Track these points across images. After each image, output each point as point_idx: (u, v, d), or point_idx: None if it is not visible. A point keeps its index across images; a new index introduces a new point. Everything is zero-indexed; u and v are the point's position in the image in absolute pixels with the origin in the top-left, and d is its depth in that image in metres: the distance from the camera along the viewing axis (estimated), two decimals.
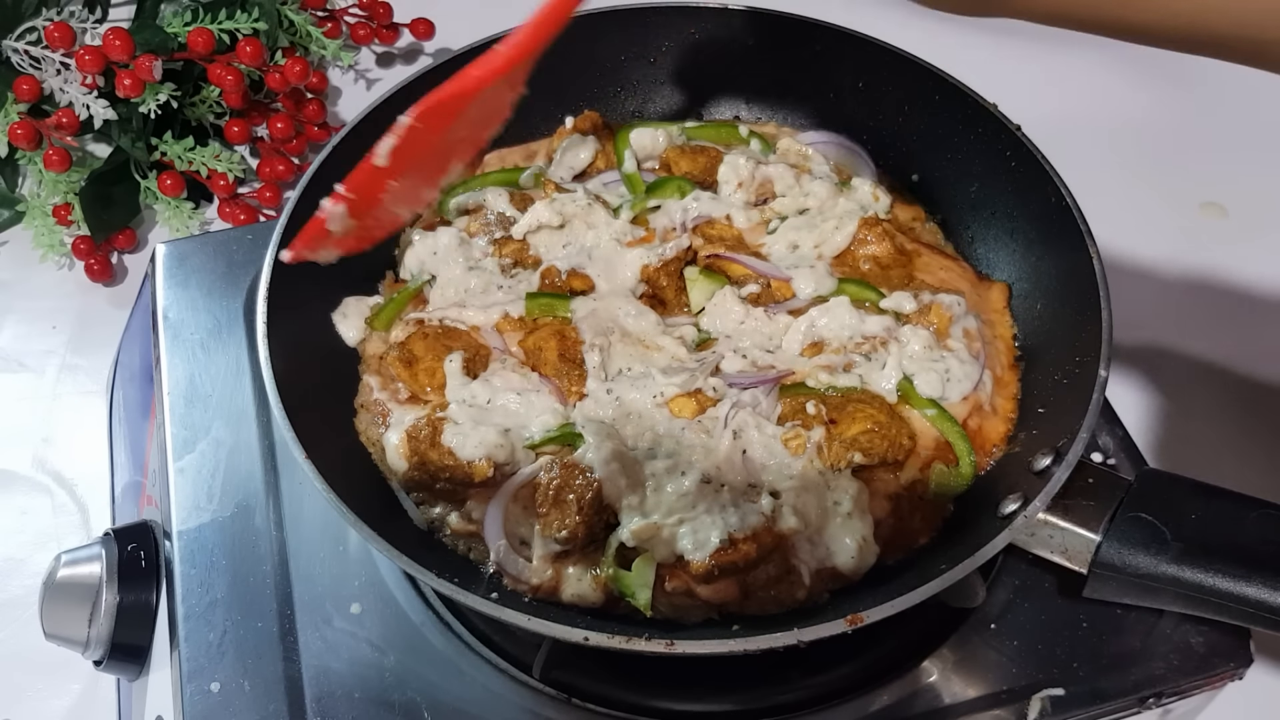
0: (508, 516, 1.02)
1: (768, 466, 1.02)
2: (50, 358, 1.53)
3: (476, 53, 1.28)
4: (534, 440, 1.04)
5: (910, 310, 1.13)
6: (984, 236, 1.23)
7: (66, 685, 1.24)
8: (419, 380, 1.09)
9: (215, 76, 1.58)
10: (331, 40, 1.73)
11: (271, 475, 1.15)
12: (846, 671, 1.03)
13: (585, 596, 0.98)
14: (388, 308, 1.18)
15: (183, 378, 1.22)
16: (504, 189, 1.27)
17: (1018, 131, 1.15)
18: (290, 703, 1.00)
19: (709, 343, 1.13)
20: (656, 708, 1.01)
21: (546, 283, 1.16)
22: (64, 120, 1.53)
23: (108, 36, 1.49)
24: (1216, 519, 0.94)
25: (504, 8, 1.41)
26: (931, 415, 1.07)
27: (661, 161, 1.31)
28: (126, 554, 1.11)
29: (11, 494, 1.40)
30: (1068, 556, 0.96)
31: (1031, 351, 1.14)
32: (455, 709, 1.00)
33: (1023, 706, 1.00)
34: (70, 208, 1.60)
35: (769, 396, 1.06)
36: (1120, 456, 1.15)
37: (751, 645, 0.86)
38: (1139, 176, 1.63)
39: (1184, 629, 1.03)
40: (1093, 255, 1.05)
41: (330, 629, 1.04)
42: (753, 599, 0.97)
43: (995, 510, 0.96)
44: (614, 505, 0.98)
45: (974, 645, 1.03)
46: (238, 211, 1.63)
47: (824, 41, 1.29)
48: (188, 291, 1.30)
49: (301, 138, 1.68)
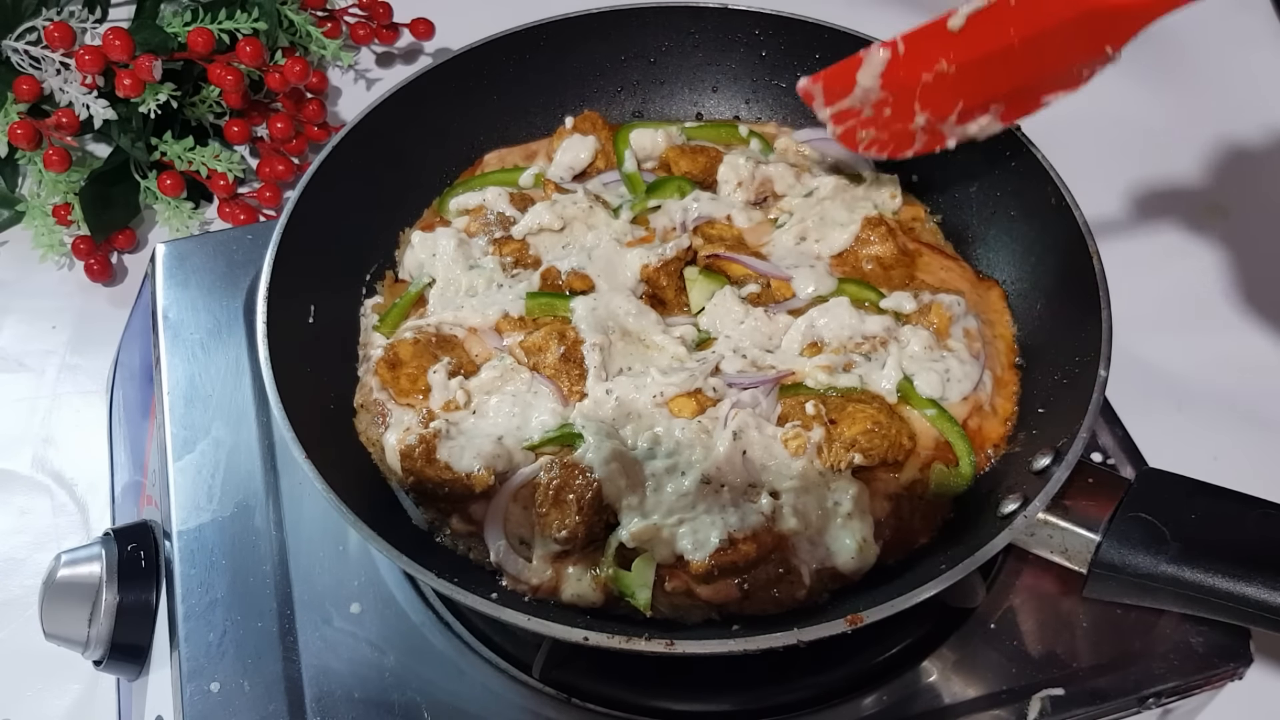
0: (508, 516, 1.02)
1: (768, 467, 1.02)
2: (50, 358, 1.53)
3: (477, 52, 1.30)
4: (533, 441, 1.04)
5: (910, 310, 1.13)
6: (984, 236, 1.23)
7: (66, 685, 1.24)
8: (400, 384, 1.09)
9: (215, 76, 1.58)
10: (331, 40, 1.73)
11: (271, 475, 1.15)
12: (847, 671, 1.03)
13: (585, 596, 0.98)
14: (394, 310, 1.18)
15: (183, 378, 1.22)
16: (504, 189, 1.27)
17: (1018, 131, 1.15)
18: (290, 703, 1.00)
19: (709, 342, 1.13)
20: (656, 708, 1.01)
21: (547, 283, 1.16)
22: (64, 120, 1.53)
23: (108, 36, 1.49)
24: (1216, 519, 0.94)
25: (504, 8, 1.42)
26: (931, 415, 1.07)
27: (661, 161, 1.31)
28: (126, 554, 1.11)
29: (11, 494, 1.40)
30: (1068, 556, 0.96)
31: (1031, 351, 1.14)
32: (455, 709, 1.00)
33: (1023, 706, 1.00)
34: (70, 208, 1.60)
35: (769, 397, 1.06)
36: (1120, 456, 1.15)
37: (751, 645, 0.86)
38: (1139, 176, 1.63)
39: (1184, 629, 1.03)
40: (1093, 255, 1.05)
41: (330, 629, 1.04)
42: (753, 599, 0.97)
43: (995, 510, 0.96)
44: (614, 505, 0.98)
45: (974, 645, 1.03)
46: (238, 211, 1.63)
47: (825, 42, 1.29)
48: (188, 291, 1.30)
49: (301, 138, 1.68)
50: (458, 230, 1.22)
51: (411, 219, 1.28)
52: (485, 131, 1.34)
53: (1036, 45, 0.93)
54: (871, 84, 0.92)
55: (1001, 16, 0.91)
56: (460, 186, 1.31)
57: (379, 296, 1.22)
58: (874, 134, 0.96)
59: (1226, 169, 1.68)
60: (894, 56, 0.91)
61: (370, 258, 1.23)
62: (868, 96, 0.93)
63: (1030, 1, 0.91)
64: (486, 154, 1.34)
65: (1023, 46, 0.93)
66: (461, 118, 1.32)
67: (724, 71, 1.37)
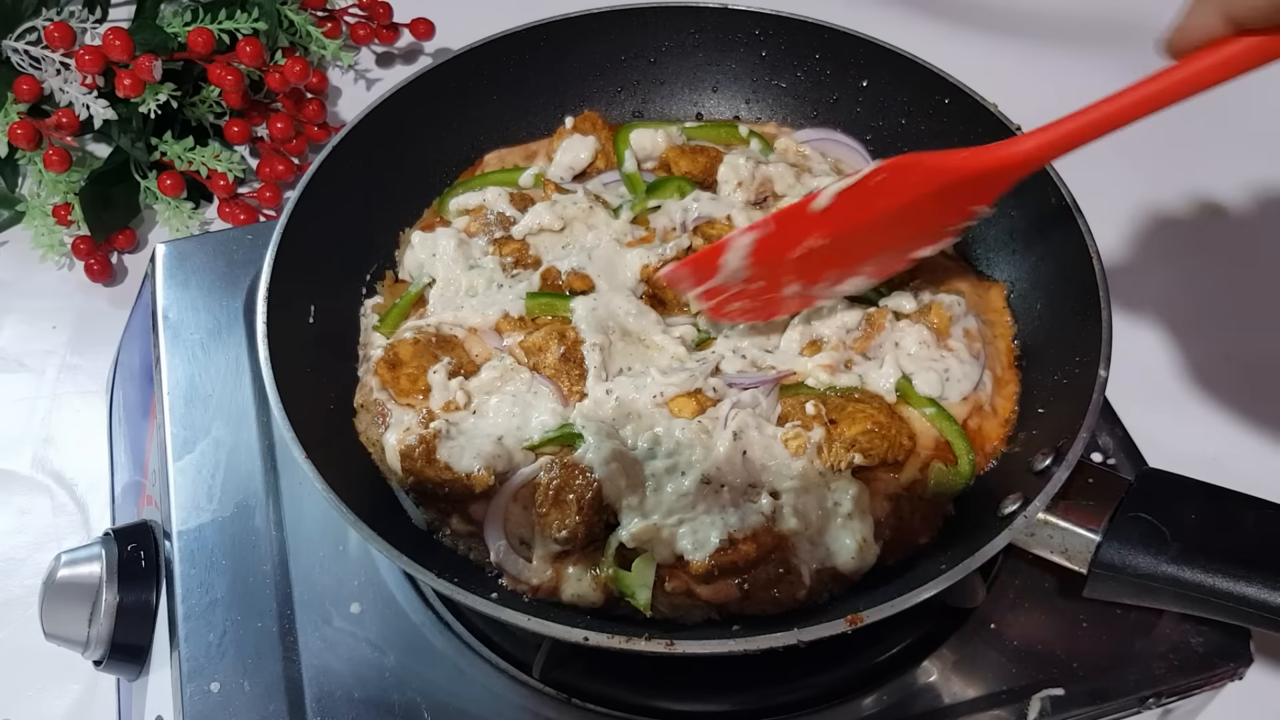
0: (508, 516, 1.02)
1: (768, 467, 1.02)
2: (50, 358, 1.53)
3: (477, 52, 1.30)
4: (533, 441, 1.04)
5: (910, 310, 1.13)
6: (984, 236, 1.23)
7: (66, 685, 1.24)
8: (400, 385, 1.09)
9: (215, 76, 1.58)
10: (331, 40, 1.73)
11: (271, 475, 1.15)
12: (847, 671, 1.03)
13: (585, 596, 0.98)
14: (394, 311, 1.18)
15: (183, 378, 1.22)
16: (504, 189, 1.27)
17: (1018, 131, 1.15)
18: (290, 703, 1.00)
19: (709, 342, 1.13)
20: (656, 708, 1.01)
21: (547, 283, 1.16)
22: (64, 120, 1.53)
23: (108, 36, 1.49)
24: (1216, 519, 0.94)
25: (504, 8, 1.42)
26: (930, 414, 1.07)
27: (661, 161, 1.31)
28: (126, 554, 1.11)
29: (11, 494, 1.40)
30: (1068, 556, 0.96)
31: (1031, 351, 1.14)
32: (455, 709, 1.00)
33: (1023, 706, 1.00)
34: (70, 208, 1.60)
35: (769, 397, 1.06)
36: (1120, 456, 1.15)
37: (751, 645, 0.86)
38: (1139, 176, 1.63)
39: (1184, 629, 1.03)
40: (1093, 255, 1.05)
41: (330, 629, 1.04)
42: (753, 599, 0.97)
43: (995, 510, 0.96)
44: (614, 505, 0.98)
45: (974, 645, 1.04)
46: (238, 211, 1.63)
47: (825, 42, 1.29)
48: (188, 291, 1.30)
49: (301, 138, 1.68)
50: (458, 230, 1.22)
51: (411, 219, 1.28)
52: (485, 131, 1.34)
53: (902, 216, 0.96)
54: (739, 264, 0.96)
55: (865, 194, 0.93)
56: (460, 186, 1.31)
57: (379, 296, 1.22)
58: (745, 304, 1.00)
59: (1227, 169, 1.68)
60: (761, 238, 0.94)
61: (370, 258, 1.23)
62: (736, 275, 0.96)
63: (892, 179, 0.93)
64: (486, 154, 1.34)
65: (889, 219, 0.95)
66: (461, 118, 1.32)
67: (724, 71, 1.37)
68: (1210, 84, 0.81)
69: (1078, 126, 0.88)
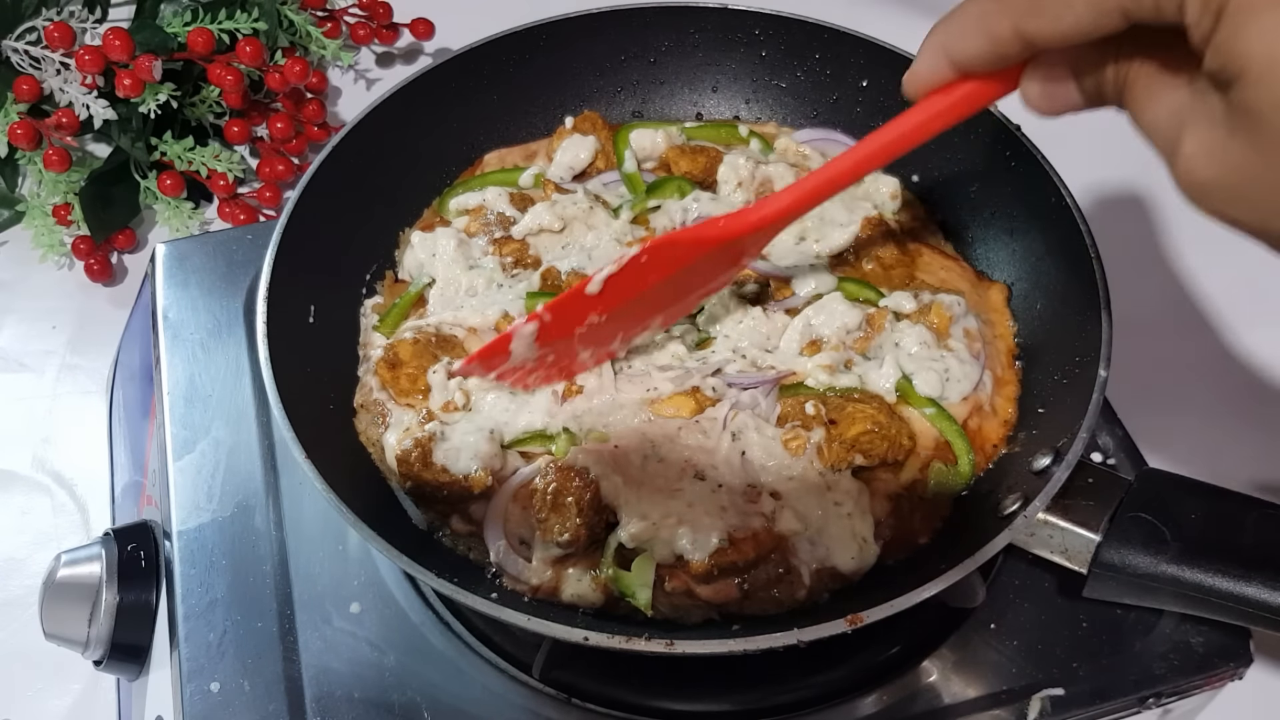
0: (507, 517, 1.02)
1: (767, 468, 1.02)
2: (50, 358, 1.53)
3: (477, 52, 1.30)
4: (509, 439, 1.04)
5: (910, 310, 1.13)
6: (984, 236, 1.23)
7: (66, 685, 1.24)
8: (400, 385, 1.09)
9: (215, 76, 1.58)
10: (331, 40, 1.73)
11: (271, 475, 1.15)
12: (847, 671, 1.03)
13: (585, 597, 0.98)
14: (394, 310, 1.18)
15: (183, 378, 1.22)
16: (504, 189, 1.27)
17: (1018, 131, 1.15)
18: (290, 703, 1.00)
19: (708, 342, 1.13)
20: (656, 708, 1.02)
21: (547, 283, 1.16)
22: (64, 120, 1.53)
23: (108, 36, 1.49)
24: (1216, 519, 0.94)
25: (504, 8, 1.42)
26: (930, 414, 1.07)
27: (661, 161, 1.31)
28: (126, 554, 1.11)
29: (11, 494, 1.40)
30: (1068, 556, 0.96)
31: (1031, 351, 1.14)
32: (455, 709, 1.00)
33: (1023, 706, 1.00)
34: (70, 208, 1.60)
35: (768, 397, 1.06)
36: (1120, 456, 1.15)
37: (751, 645, 0.86)
38: (1139, 176, 1.63)
39: (1184, 629, 1.03)
40: (1093, 255, 1.05)
41: (330, 629, 1.04)
42: (753, 599, 0.97)
43: (995, 510, 0.96)
44: (613, 505, 0.98)
45: (974, 645, 1.04)
46: (238, 211, 1.63)
47: (825, 42, 1.29)
48: (188, 291, 1.30)
49: (301, 138, 1.68)
50: (458, 230, 1.22)
51: (411, 219, 1.28)
52: (485, 131, 1.34)
53: (674, 282, 1.02)
54: (527, 350, 1.01)
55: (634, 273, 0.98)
56: (460, 186, 1.31)
57: (379, 296, 1.22)
58: (543, 374, 1.05)
59: None
60: (542, 325, 1.00)
61: (370, 258, 1.23)
62: (527, 357, 1.02)
63: (654, 259, 0.98)
64: (486, 154, 1.34)
65: (662, 287, 1.01)
66: (461, 118, 1.31)
67: (724, 71, 1.37)
68: (940, 128, 0.84)
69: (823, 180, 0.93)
